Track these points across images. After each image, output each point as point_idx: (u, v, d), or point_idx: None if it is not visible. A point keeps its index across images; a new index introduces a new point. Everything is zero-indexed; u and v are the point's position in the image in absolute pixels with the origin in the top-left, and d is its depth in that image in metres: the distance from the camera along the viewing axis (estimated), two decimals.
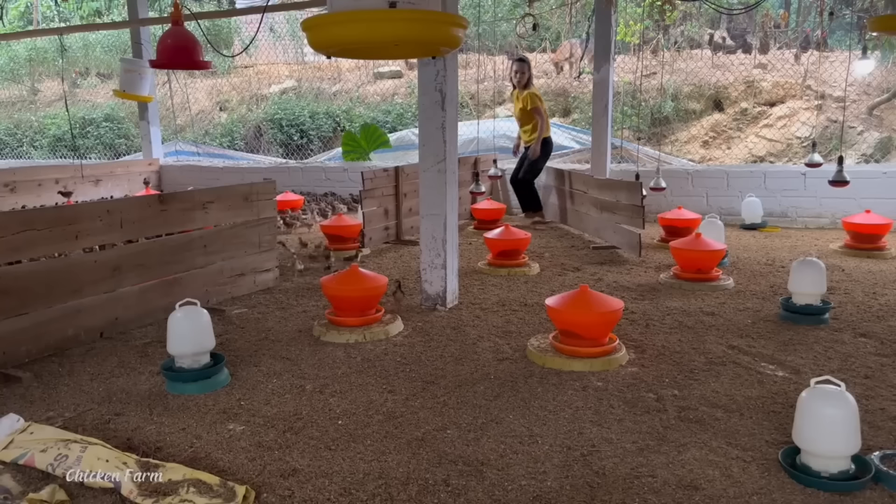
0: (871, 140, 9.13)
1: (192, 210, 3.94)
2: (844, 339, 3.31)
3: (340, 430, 2.42)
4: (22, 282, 3.09)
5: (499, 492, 2.01)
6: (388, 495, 1.99)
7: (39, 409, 2.63)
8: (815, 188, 6.45)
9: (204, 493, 1.94)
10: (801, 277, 3.56)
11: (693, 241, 4.39)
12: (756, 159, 9.42)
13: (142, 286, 3.65)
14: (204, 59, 5.15)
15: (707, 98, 10.37)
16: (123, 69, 7.20)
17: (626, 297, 4.03)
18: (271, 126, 11.75)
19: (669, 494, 1.98)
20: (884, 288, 4.27)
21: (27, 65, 14.98)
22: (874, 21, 3.95)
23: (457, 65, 3.83)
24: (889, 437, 2.31)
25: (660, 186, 6.15)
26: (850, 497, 1.97)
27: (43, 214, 3.25)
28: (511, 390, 2.75)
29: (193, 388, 2.75)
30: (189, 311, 2.82)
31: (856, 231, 5.36)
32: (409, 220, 6.13)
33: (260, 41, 12.58)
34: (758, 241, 5.90)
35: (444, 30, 2.41)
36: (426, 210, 3.90)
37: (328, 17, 2.31)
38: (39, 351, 3.17)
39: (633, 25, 10.41)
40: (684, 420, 2.46)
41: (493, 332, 3.50)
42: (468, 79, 10.91)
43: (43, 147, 13.30)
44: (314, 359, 3.14)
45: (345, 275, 3.53)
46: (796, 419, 2.10)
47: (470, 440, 2.33)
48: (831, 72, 9.51)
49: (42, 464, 2.08)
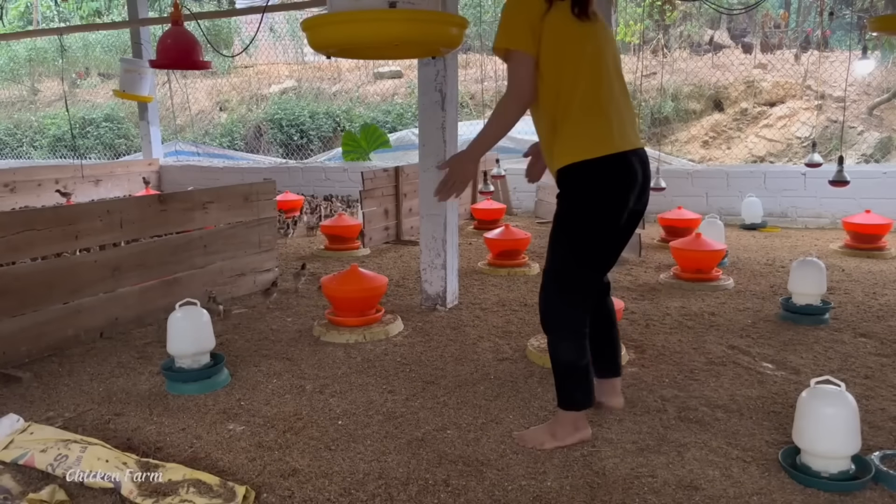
0: (872, 140, 9.12)
1: (192, 210, 3.94)
2: (844, 339, 3.30)
3: (340, 430, 2.42)
4: (22, 282, 3.09)
5: (499, 492, 2.01)
6: (388, 495, 1.99)
7: (39, 409, 2.63)
8: (815, 188, 6.44)
9: (204, 493, 1.94)
10: (802, 277, 3.56)
11: (693, 241, 4.39)
12: (756, 159, 9.41)
13: (142, 286, 3.65)
14: (204, 59, 5.16)
15: (707, 98, 10.36)
16: (123, 69, 7.21)
17: (626, 297, 4.03)
18: (271, 126, 11.75)
19: (669, 494, 1.98)
20: (884, 288, 4.27)
21: (27, 65, 14.97)
22: (874, 21, 3.95)
23: (457, 65, 3.83)
24: (889, 437, 2.31)
25: (660, 186, 6.14)
26: (850, 497, 1.97)
27: (43, 214, 3.25)
28: (511, 390, 2.75)
29: (193, 388, 2.75)
30: (189, 311, 2.82)
31: (856, 231, 5.36)
32: (409, 221, 6.13)
33: (260, 41, 12.57)
34: (758, 241, 5.90)
35: (444, 30, 2.40)
36: (426, 210, 3.90)
37: (328, 17, 2.31)
38: (39, 351, 3.17)
39: (632, 25, 10.41)
40: (684, 420, 2.46)
41: (493, 332, 3.50)
42: (468, 79, 10.91)
43: (43, 147, 13.30)
44: (314, 359, 3.14)
45: (345, 275, 3.53)
46: (796, 419, 2.10)
47: (470, 440, 2.32)
48: (831, 72, 9.51)
49: (42, 464, 2.08)
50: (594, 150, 2.08)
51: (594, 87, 2.11)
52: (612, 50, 2.19)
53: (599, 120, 2.11)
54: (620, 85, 2.20)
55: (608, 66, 2.16)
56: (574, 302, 2.20)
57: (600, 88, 2.12)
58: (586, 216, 2.13)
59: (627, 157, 2.12)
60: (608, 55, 2.17)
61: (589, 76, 2.11)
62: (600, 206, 2.12)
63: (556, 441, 2.25)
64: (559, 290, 2.20)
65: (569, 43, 2.09)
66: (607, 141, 2.09)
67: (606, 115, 2.11)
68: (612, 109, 2.13)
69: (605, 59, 2.15)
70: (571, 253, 2.17)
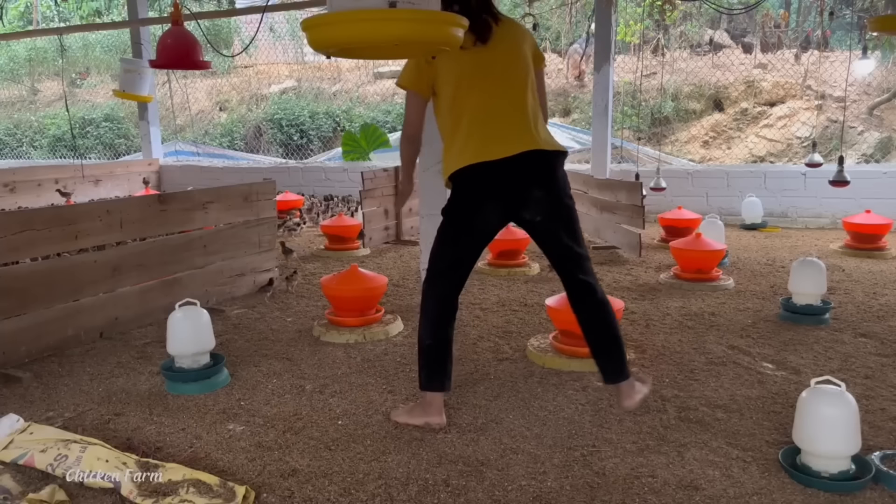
0: (872, 140, 9.12)
1: (191, 210, 3.94)
2: (845, 340, 3.30)
3: (340, 430, 2.42)
4: (22, 282, 3.09)
5: (499, 492, 2.01)
6: (388, 495, 1.99)
7: (39, 409, 2.63)
8: (816, 188, 6.44)
9: (204, 493, 1.94)
10: (802, 277, 3.56)
11: (693, 241, 4.39)
12: (756, 159, 9.41)
13: (142, 286, 3.65)
14: (204, 59, 5.15)
15: (707, 98, 10.36)
16: (123, 69, 7.21)
17: (626, 297, 4.03)
18: (271, 126, 11.75)
19: (669, 495, 1.98)
20: (884, 288, 4.27)
21: (27, 65, 14.97)
22: (874, 21, 3.94)
23: None
24: (889, 437, 2.30)
25: (660, 186, 6.15)
26: (850, 497, 1.96)
27: (43, 214, 3.25)
28: (511, 390, 2.74)
29: (193, 388, 2.75)
30: (189, 311, 2.82)
31: (856, 231, 5.36)
32: (410, 221, 6.13)
33: (260, 41, 12.57)
34: (758, 241, 5.90)
35: (444, 30, 2.40)
36: (426, 210, 3.89)
37: (328, 17, 2.30)
38: (39, 351, 3.17)
39: (633, 25, 10.41)
40: (684, 420, 2.46)
41: (493, 332, 3.50)
42: None
43: (43, 147, 13.30)
44: (314, 359, 3.14)
45: (345, 275, 3.53)
46: (796, 419, 2.10)
47: (470, 440, 2.32)
48: (831, 72, 9.50)
49: (42, 464, 2.08)
50: (447, 169, 2.39)
51: (455, 111, 2.39)
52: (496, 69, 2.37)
53: (452, 140, 2.39)
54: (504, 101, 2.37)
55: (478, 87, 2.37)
56: (431, 289, 2.45)
57: (458, 112, 2.38)
58: (443, 223, 2.43)
59: (479, 168, 2.31)
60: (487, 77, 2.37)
61: (451, 103, 2.40)
62: (450, 213, 2.41)
63: (406, 417, 2.46)
64: (426, 277, 2.49)
65: (443, 74, 2.39)
66: (457, 158, 2.35)
67: (461, 133, 2.36)
68: (473, 127, 2.35)
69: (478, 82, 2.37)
70: (433, 249, 2.48)
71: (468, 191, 2.36)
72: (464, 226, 2.40)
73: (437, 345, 2.42)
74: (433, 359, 2.43)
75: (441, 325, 2.44)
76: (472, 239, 2.42)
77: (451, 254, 2.43)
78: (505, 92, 2.37)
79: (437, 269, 2.45)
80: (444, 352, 2.44)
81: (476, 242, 2.44)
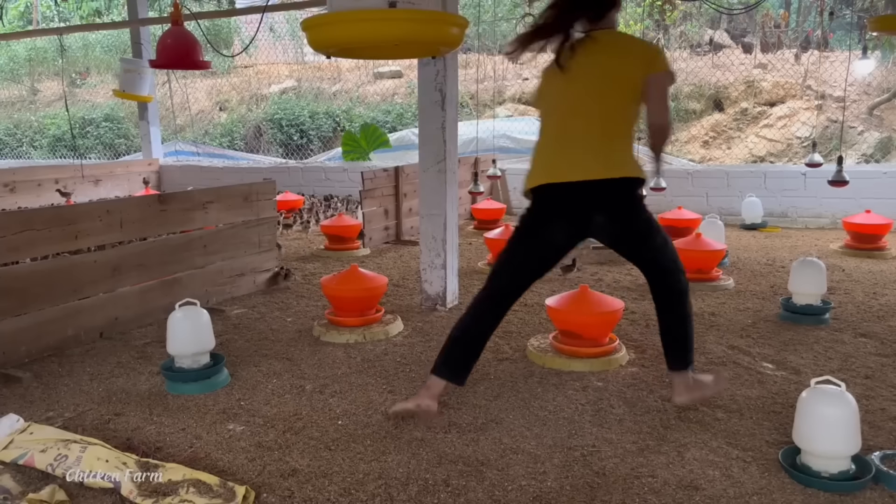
0: (872, 140, 9.12)
1: (191, 210, 3.94)
2: (845, 339, 3.30)
3: (340, 430, 2.42)
4: (22, 282, 3.09)
5: (499, 492, 2.01)
6: (388, 495, 1.99)
7: (39, 409, 2.63)
8: (816, 188, 6.44)
9: (204, 493, 1.94)
10: (802, 277, 3.56)
11: (693, 241, 4.39)
12: (756, 159, 9.41)
13: (142, 286, 3.65)
14: (204, 59, 5.16)
15: (707, 98, 10.36)
16: (123, 69, 7.21)
17: (626, 297, 4.03)
18: (271, 126, 11.75)
19: (670, 495, 1.98)
20: (884, 288, 4.27)
21: (27, 65, 14.97)
22: (874, 21, 3.95)
23: (457, 65, 3.83)
24: (889, 437, 2.31)
25: (660, 186, 6.14)
26: (850, 497, 1.97)
27: (43, 214, 3.25)
28: (511, 390, 2.75)
29: (193, 388, 2.75)
30: (189, 311, 2.82)
31: (856, 231, 5.36)
32: (409, 221, 6.13)
33: (260, 41, 12.57)
34: (758, 241, 5.90)
35: (444, 30, 2.40)
36: (426, 210, 3.90)
37: (328, 17, 2.30)
38: (39, 351, 3.17)
39: (633, 25, 10.41)
40: (684, 420, 2.46)
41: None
42: (468, 79, 10.90)
43: (43, 147, 13.29)
44: (314, 359, 3.14)
45: (345, 275, 3.53)
46: (796, 419, 2.10)
47: (470, 440, 2.32)
48: (831, 72, 9.50)
49: (42, 464, 2.08)
50: (526, 184, 2.53)
51: (542, 131, 2.54)
52: (575, 89, 2.43)
53: (534, 158, 2.53)
54: (580, 121, 2.42)
55: (559, 108, 2.49)
56: (486, 282, 2.55)
57: (543, 132, 2.53)
58: (515, 226, 2.56)
59: (548, 188, 2.43)
60: (567, 98, 2.46)
61: (542, 123, 2.56)
62: (522, 218, 2.53)
63: (401, 404, 2.50)
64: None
65: (539, 93, 2.58)
66: (532, 177, 2.49)
67: (540, 153, 2.52)
68: (548, 148, 2.49)
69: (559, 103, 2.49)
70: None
71: (537, 206, 2.48)
72: (529, 231, 2.49)
73: (465, 338, 2.51)
74: (455, 349, 2.51)
75: (476, 320, 2.51)
76: (535, 245, 2.48)
77: (513, 254, 2.52)
78: (581, 116, 2.42)
79: (496, 267, 2.55)
80: (469, 348, 2.51)
81: (538, 251, 2.49)
